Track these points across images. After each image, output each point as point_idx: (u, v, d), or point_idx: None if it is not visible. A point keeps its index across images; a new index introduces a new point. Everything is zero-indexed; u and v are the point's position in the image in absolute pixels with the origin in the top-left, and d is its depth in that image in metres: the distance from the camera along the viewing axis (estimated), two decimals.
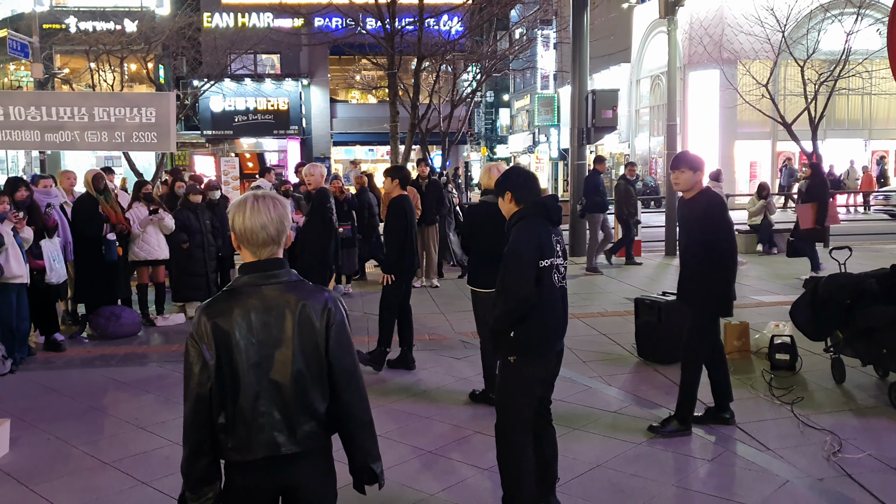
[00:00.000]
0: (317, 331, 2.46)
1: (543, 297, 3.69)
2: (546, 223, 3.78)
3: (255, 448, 2.41)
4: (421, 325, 8.33)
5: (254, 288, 2.45)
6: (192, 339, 2.43)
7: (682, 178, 5.11)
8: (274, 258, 2.51)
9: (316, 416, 2.47)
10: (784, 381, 6.23)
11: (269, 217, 2.46)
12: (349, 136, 32.94)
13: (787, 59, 17.01)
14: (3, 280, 6.83)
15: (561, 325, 3.86)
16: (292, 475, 2.48)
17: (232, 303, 2.44)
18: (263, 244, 2.47)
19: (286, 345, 2.43)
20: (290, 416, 2.43)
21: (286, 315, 2.44)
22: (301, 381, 2.44)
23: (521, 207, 3.83)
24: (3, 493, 4.46)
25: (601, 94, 13.81)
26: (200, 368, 2.41)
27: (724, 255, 5.01)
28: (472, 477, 4.52)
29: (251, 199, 2.49)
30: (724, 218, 5.06)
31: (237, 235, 2.49)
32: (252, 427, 2.41)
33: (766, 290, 10.30)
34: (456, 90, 19.85)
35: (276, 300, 2.45)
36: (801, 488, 4.33)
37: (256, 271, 2.48)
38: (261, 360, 2.41)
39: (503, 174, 4.06)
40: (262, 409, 2.41)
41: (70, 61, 26.29)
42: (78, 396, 6.25)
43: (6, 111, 9.03)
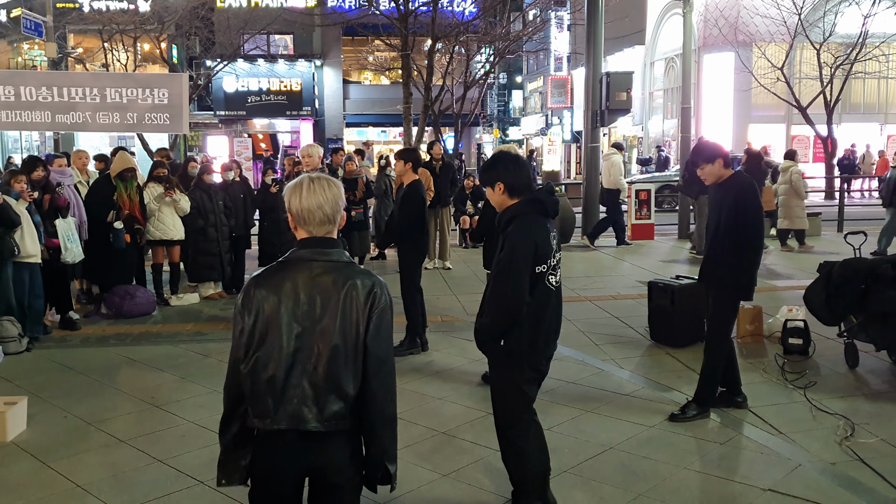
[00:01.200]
0: (359, 312, 2.47)
1: (537, 305, 3.52)
2: (542, 220, 3.57)
3: (280, 418, 2.44)
4: (433, 306, 8.35)
5: (305, 262, 2.51)
6: (239, 307, 2.51)
7: (704, 173, 5.08)
8: (328, 237, 2.56)
9: (345, 398, 2.47)
10: (797, 365, 6.22)
11: (324, 197, 2.52)
12: (362, 118, 32.89)
13: (804, 41, 16.86)
14: (17, 259, 6.90)
15: (553, 331, 3.68)
16: (318, 455, 2.49)
17: (283, 274, 2.50)
18: (320, 223, 2.53)
19: (328, 321, 2.45)
20: (319, 393, 2.45)
21: (332, 292, 2.46)
22: (336, 361, 2.45)
23: (516, 203, 3.59)
24: (21, 469, 4.52)
25: (615, 76, 13.71)
26: (239, 335, 2.50)
27: (753, 242, 4.98)
28: (485, 458, 4.55)
29: (307, 181, 2.55)
30: (755, 204, 5.01)
31: (294, 216, 2.55)
32: (281, 398, 2.44)
33: (780, 275, 10.26)
34: (469, 72, 19.78)
35: (325, 277, 2.48)
36: (813, 472, 4.34)
37: (310, 247, 2.53)
38: (301, 333, 2.45)
39: (490, 161, 3.80)
40: (294, 382, 2.44)
41: (83, 41, 26.33)
42: (93, 374, 6.31)
43: (17, 91, 9.04)
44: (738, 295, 5.14)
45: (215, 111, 30.28)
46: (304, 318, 2.45)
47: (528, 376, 3.66)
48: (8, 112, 9.04)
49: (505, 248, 3.52)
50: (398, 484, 3.47)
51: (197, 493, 4.16)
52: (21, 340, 6.89)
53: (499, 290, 3.52)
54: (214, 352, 6.85)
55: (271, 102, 30.49)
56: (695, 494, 4.11)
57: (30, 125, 9.48)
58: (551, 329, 3.66)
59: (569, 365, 6.25)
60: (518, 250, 3.47)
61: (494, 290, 3.56)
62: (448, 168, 11.27)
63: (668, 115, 30.33)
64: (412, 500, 4.05)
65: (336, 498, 2.57)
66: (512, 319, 3.49)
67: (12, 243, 6.77)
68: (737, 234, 4.94)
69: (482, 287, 6.21)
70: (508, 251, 3.49)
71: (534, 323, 3.55)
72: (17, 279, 6.98)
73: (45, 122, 9.31)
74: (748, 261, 4.99)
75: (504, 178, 3.60)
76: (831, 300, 6.10)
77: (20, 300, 7.04)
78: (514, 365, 3.61)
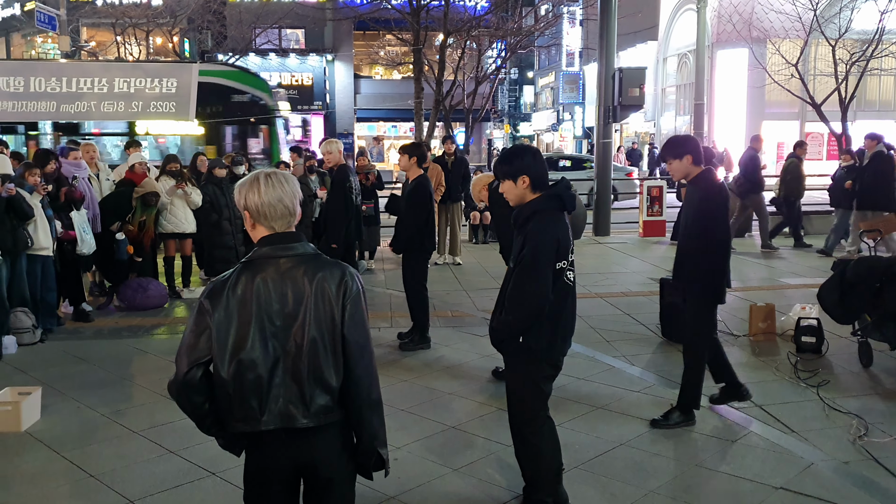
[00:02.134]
0: (332, 303, 2.44)
1: (556, 302, 3.50)
2: (561, 216, 3.54)
3: (269, 419, 2.41)
4: (443, 302, 8.35)
5: (271, 259, 2.46)
6: (202, 308, 2.43)
7: (672, 169, 4.88)
8: (290, 231, 2.52)
9: (330, 390, 2.45)
10: (810, 363, 6.19)
11: (283, 190, 2.49)
12: (372, 113, 32.92)
13: (819, 38, 16.70)
14: (30, 251, 6.94)
15: (570, 328, 3.67)
16: (308, 451, 2.47)
17: (250, 273, 2.44)
18: (281, 217, 2.49)
19: (302, 316, 2.42)
20: (304, 389, 2.42)
21: (303, 287, 2.43)
22: (315, 354, 2.42)
23: (535, 199, 3.53)
24: (36, 459, 4.56)
25: (628, 71, 13.65)
26: (200, 336, 2.42)
27: (718, 244, 4.79)
28: (496, 453, 4.55)
29: (262, 176, 2.51)
30: (720, 204, 4.80)
31: (252, 212, 2.49)
32: (266, 398, 2.40)
33: (793, 273, 10.21)
34: (480, 67, 19.74)
35: (293, 272, 2.45)
36: (826, 471, 4.32)
37: (273, 243, 2.48)
38: (276, 331, 2.42)
39: (512, 153, 3.67)
40: (277, 381, 2.41)
41: (96, 34, 26.44)
42: (107, 366, 6.35)
43: (27, 82, 9.08)
44: (708, 298, 4.90)
45: None
46: (279, 315, 2.42)
47: (547, 373, 3.65)
48: (14, 102, 9.08)
49: (527, 245, 3.46)
50: (409, 478, 3.48)
51: (209, 484, 4.18)
52: (35, 332, 6.94)
53: (523, 288, 3.47)
54: None
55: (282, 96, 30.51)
56: (706, 492, 4.09)
57: (34, 115, 9.52)
58: (568, 326, 3.64)
59: (580, 361, 6.24)
60: (542, 248, 3.43)
61: (518, 288, 3.50)
62: (460, 164, 11.27)
63: (681, 112, 30.21)
64: (422, 495, 4.06)
65: (331, 492, 2.55)
66: (535, 317, 3.46)
67: (26, 235, 6.81)
68: (703, 236, 4.76)
69: (493, 283, 6.22)
70: (532, 249, 3.44)
71: (553, 319, 3.52)
72: (30, 271, 7.03)
73: (49, 111, 9.35)
74: (713, 263, 4.79)
75: (529, 170, 3.53)
76: (845, 298, 6.06)
77: (33, 292, 7.08)
78: (532, 362, 3.58)
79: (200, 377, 2.41)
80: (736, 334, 7.04)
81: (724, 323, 7.20)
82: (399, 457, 4.47)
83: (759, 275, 10.10)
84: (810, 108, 15.96)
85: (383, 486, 4.08)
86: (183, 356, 2.43)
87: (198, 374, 2.41)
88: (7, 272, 6.72)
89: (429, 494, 4.06)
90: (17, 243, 6.71)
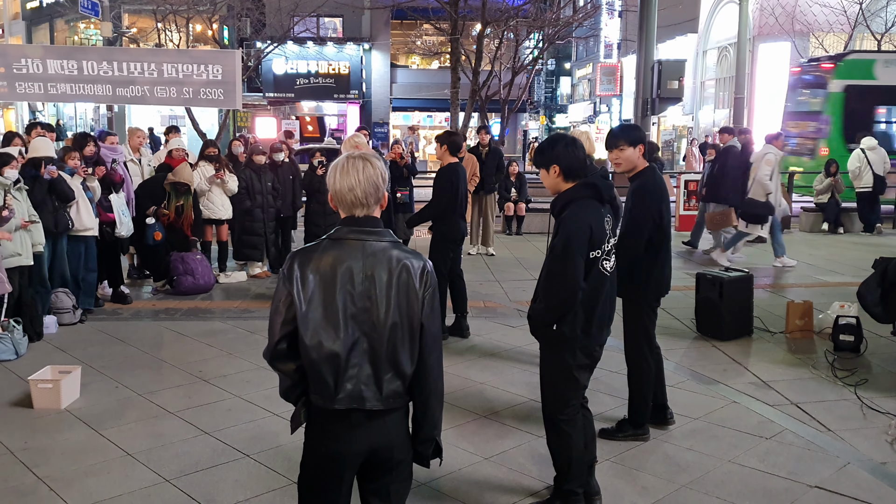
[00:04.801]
0: (415, 292, 2.45)
1: (590, 290, 3.50)
2: (597, 205, 3.52)
3: (342, 399, 2.43)
4: (475, 292, 8.36)
5: (356, 241, 2.46)
6: (285, 280, 2.45)
7: (621, 156, 4.41)
8: (371, 216, 2.51)
9: (402, 376, 2.47)
10: (847, 362, 6.09)
11: (356, 179, 2.46)
12: (408, 102, 32.92)
13: (864, 32, 16.37)
14: (73, 232, 7.08)
15: (607, 317, 3.65)
16: (385, 434, 2.49)
17: (335, 252, 2.45)
18: (352, 205, 2.47)
19: (384, 300, 2.43)
20: (378, 372, 2.44)
21: (387, 271, 2.44)
22: (395, 340, 2.44)
23: (570, 188, 3.54)
24: (76, 436, 4.66)
25: (667, 64, 13.51)
26: (288, 308, 2.44)
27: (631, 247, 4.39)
28: (528, 443, 4.55)
29: (343, 161, 2.51)
30: (645, 205, 4.41)
31: (333, 196, 2.52)
32: (341, 377, 2.42)
33: (831, 271, 10.03)
34: (517, 57, 19.64)
35: (378, 255, 2.45)
36: (863, 471, 4.25)
37: (354, 226, 2.49)
38: (357, 313, 2.42)
39: (546, 143, 3.67)
40: (354, 361, 2.43)
41: (137, 21, 26.79)
42: (144, 347, 6.46)
43: (80, 65, 9.30)
44: (638, 300, 4.59)
45: (264, 93, 30.57)
46: (360, 297, 2.42)
47: (581, 362, 3.63)
48: (72, 85, 9.33)
49: (560, 233, 3.48)
50: (441, 465, 3.48)
51: (243, 465, 4.24)
52: (75, 312, 7.08)
53: (554, 276, 3.50)
54: (261, 329, 6.95)
55: (319, 85, 30.65)
56: (738, 488, 4.05)
57: (92, 97, 9.78)
58: (605, 315, 3.63)
59: (613, 354, 6.17)
60: (573, 236, 3.43)
61: (550, 275, 3.52)
62: (494, 154, 11.22)
63: (720, 105, 29.78)
64: (454, 482, 4.08)
65: (395, 476, 2.57)
66: (567, 305, 3.47)
67: (67, 217, 6.95)
68: (625, 237, 4.42)
69: (525, 273, 6.20)
70: (564, 237, 3.46)
71: (588, 308, 3.52)
72: (73, 252, 7.18)
73: (106, 94, 9.59)
74: (633, 265, 4.41)
75: (559, 160, 3.55)
76: (887, 296, 5.95)
77: (74, 273, 7.23)
78: (566, 350, 3.58)
79: (289, 346, 2.47)
80: (772, 331, 6.95)
81: (760, 319, 7.12)
82: None
83: (796, 272, 9.95)
84: None
85: (415, 472, 4.10)
86: (274, 326, 2.47)
87: (285, 345, 2.47)
88: (49, 253, 6.86)
89: (460, 482, 4.08)
90: (58, 225, 6.85)
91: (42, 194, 6.71)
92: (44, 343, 6.51)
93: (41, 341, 6.53)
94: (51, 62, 9.54)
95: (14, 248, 6.25)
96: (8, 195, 6.25)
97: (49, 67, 9.55)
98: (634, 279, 4.47)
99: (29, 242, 6.42)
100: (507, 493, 3.98)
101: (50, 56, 9.62)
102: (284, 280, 2.45)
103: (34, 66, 9.55)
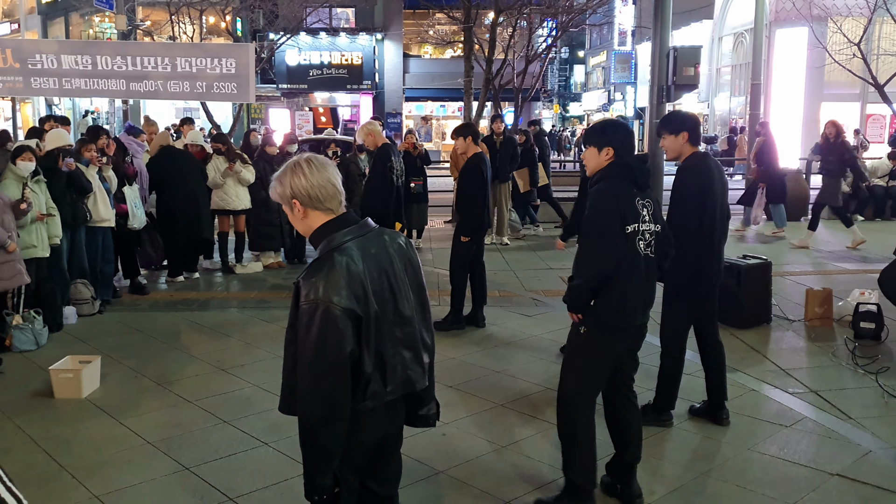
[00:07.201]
0: (417, 268, 2.56)
1: (624, 267, 3.41)
2: (629, 185, 3.48)
3: (395, 389, 2.43)
4: (490, 281, 8.27)
5: (359, 239, 2.39)
6: (330, 304, 2.23)
7: (665, 144, 4.47)
8: (349, 211, 2.47)
9: (430, 349, 2.58)
10: (868, 350, 6.04)
11: (328, 171, 2.41)
12: (421, 92, 32.83)
13: (884, 16, 16.09)
14: (91, 223, 7.12)
15: (644, 298, 3.55)
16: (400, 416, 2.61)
17: (351, 257, 2.33)
18: (333, 196, 2.40)
19: (404, 286, 2.47)
20: (417, 352, 2.50)
21: (394, 259, 2.47)
22: (418, 318, 2.52)
23: (605, 166, 3.54)
24: (96, 425, 4.70)
25: (683, 50, 13.33)
26: (346, 333, 2.26)
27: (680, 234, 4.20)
28: (543, 432, 4.54)
29: (303, 161, 2.40)
30: (691, 192, 4.33)
31: (303, 198, 2.37)
32: (389, 370, 2.41)
33: (851, 258, 9.94)
34: (531, 45, 19.52)
35: (381, 247, 2.45)
36: (885, 459, 4.21)
37: (348, 224, 2.41)
38: (384, 305, 2.39)
39: (604, 125, 3.70)
40: (396, 350, 2.43)
41: (151, 14, 26.83)
42: (162, 337, 6.50)
43: (94, 60, 9.34)
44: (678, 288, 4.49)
45: (278, 84, 30.56)
46: (385, 290, 2.40)
47: (613, 350, 3.58)
48: (86, 80, 9.37)
49: (588, 207, 3.50)
50: (456, 454, 3.48)
51: (262, 454, 4.26)
52: (94, 303, 7.14)
53: (586, 249, 3.49)
54: (278, 319, 6.98)
55: (332, 76, 30.61)
56: (758, 476, 4.03)
57: (106, 92, 9.82)
58: (641, 297, 3.53)
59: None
60: (600, 207, 3.44)
61: (582, 250, 3.52)
62: (509, 143, 11.18)
63: (736, 93, 29.52)
64: (470, 470, 4.07)
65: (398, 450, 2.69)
66: (603, 276, 3.41)
67: (85, 209, 6.99)
68: (668, 217, 4.32)
69: (540, 263, 6.18)
70: (590, 210, 3.48)
71: (620, 286, 3.45)
72: (91, 243, 7.22)
73: (120, 89, 9.62)
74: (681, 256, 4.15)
75: (617, 145, 3.54)
76: None
77: (92, 264, 7.28)
78: (597, 331, 3.53)
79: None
80: (791, 319, 6.89)
81: (779, 307, 7.07)
82: (447, 432, 4.50)
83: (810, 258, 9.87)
84: (872, 89, 15.43)
85: (431, 460, 4.12)
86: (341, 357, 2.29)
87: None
88: (67, 245, 6.90)
89: (476, 470, 4.08)
90: (76, 217, 6.89)
91: (61, 187, 6.75)
92: (64, 334, 6.56)
93: (61, 332, 6.58)
94: (65, 57, 9.56)
95: (30, 241, 6.29)
96: (26, 188, 6.29)
97: (63, 63, 9.58)
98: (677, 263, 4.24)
99: (45, 235, 6.46)
100: (524, 482, 3.97)
101: (64, 51, 9.65)
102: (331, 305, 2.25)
103: (49, 61, 9.59)
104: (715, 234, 4.42)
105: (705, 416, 4.73)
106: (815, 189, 14.69)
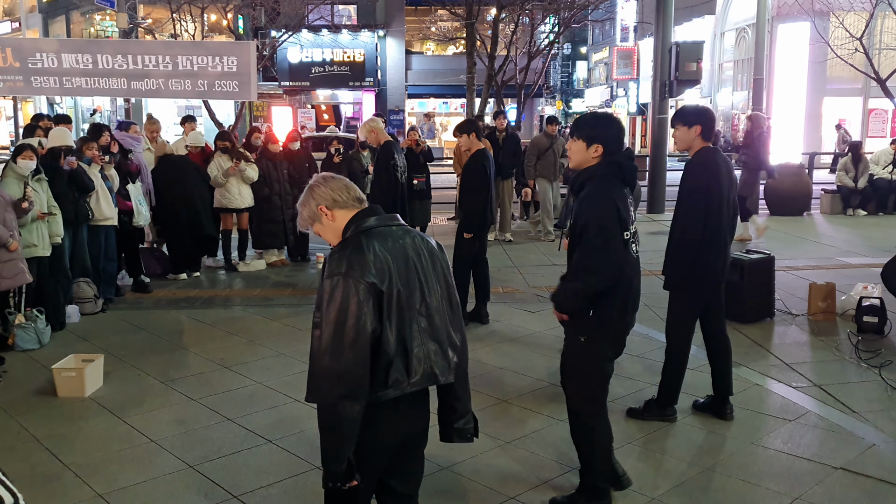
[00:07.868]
0: (445, 266, 2.57)
1: (626, 271, 3.40)
2: (619, 184, 3.40)
3: (417, 380, 2.44)
4: (493, 277, 8.27)
5: (387, 228, 2.48)
6: (352, 279, 2.30)
7: (676, 135, 4.47)
8: (374, 205, 2.56)
9: (456, 347, 2.56)
10: (871, 344, 6.03)
11: (341, 179, 2.57)
12: (423, 89, 32.85)
13: (886, 10, 16.05)
14: (93, 222, 7.13)
15: (637, 301, 3.59)
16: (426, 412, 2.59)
17: (378, 241, 2.41)
18: (353, 192, 2.54)
19: (430, 278, 2.50)
20: (443, 347, 2.50)
21: (422, 252, 2.50)
22: (445, 313, 2.53)
23: (595, 164, 3.44)
24: (100, 424, 4.70)
25: (685, 46, 13.35)
26: (367, 307, 2.31)
27: (682, 232, 4.37)
28: (547, 428, 4.54)
29: (315, 179, 2.56)
30: (694, 187, 4.34)
31: (328, 202, 2.48)
32: (413, 359, 2.42)
33: (854, 252, 9.92)
34: (533, 42, 19.51)
35: (409, 239, 2.49)
36: (889, 453, 4.21)
37: (376, 214, 2.50)
38: (410, 294, 2.42)
39: (592, 118, 3.60)
40: (421, 342, 2.44)
41: (153, 11, 26.82)
42: (165, 335, 6.51)
43: (95, 59, 9.34)
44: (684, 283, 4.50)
45: (280, 82, 30.58)
46: (412, 280, 2.44)
47: (609, 352, 3.58)
48: (87, 79, 9.37)
49: (587, 208, 3.36)
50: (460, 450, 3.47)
51: (265, 451, 4.27)
52: (97, 301, 7.14)
53: (591, 253, 3.34)
54: (281, 316, 6.99)
55: (334, 73, 30.61)
56: (762, 469, 4.02)
57: (107, 91, 9.82)
58: (637, 295, 3.56)
59: (633, 338, 6.10)
60: (604, 211, 3.32)
61: (585, 255, 3.36)
62: (511, 140, 11.17)
63: (738, 88, 29.47)
64: (473, 467, 4.07)
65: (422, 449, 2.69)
66: (606, 281, 3.34)
67: (87, 208, 6.99)
68: (675, 221, 4.44)
69: (544, 259, 6.17)
70: (591, 214, 3.34)
71: (622, 291, 3.43)
72: (94, 241, 7.23)
73: (121, 88, 9.62)
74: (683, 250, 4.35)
75: (605, 141, 3.45)
76: None
77: (95, 263, 7.28)
78: (599, 338, 3.50)
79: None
80: (794, 313, 6.88)
81: (782, 301, 7.06)
82: None
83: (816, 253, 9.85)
84: (874, 83, 15.39)
85: (435, 457, 4.11)
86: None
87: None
88: (69, 243, 6.91)
89: (479, 467, 4.08)
90: (78, 215, 6.89)
91: (62, 185, 6.75)
92: (66, 332, 6.57)
93: (64, 330, 6.59)
94: (66, 56, 9.55)
95: (31, 240, 6.29)
96: (28, 187, 6.29)
97: (64, 61, 9.57)
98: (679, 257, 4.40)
99: (46, 233, 6.45)
100: (528, 477, 3.97)
101: (65, 50, 9.65)
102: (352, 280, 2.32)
103: (49, 60, 9.58)
104: (721, 230, 4.39)
105: (709, 410, 4.72)
106: (817, 184, 14.71)
